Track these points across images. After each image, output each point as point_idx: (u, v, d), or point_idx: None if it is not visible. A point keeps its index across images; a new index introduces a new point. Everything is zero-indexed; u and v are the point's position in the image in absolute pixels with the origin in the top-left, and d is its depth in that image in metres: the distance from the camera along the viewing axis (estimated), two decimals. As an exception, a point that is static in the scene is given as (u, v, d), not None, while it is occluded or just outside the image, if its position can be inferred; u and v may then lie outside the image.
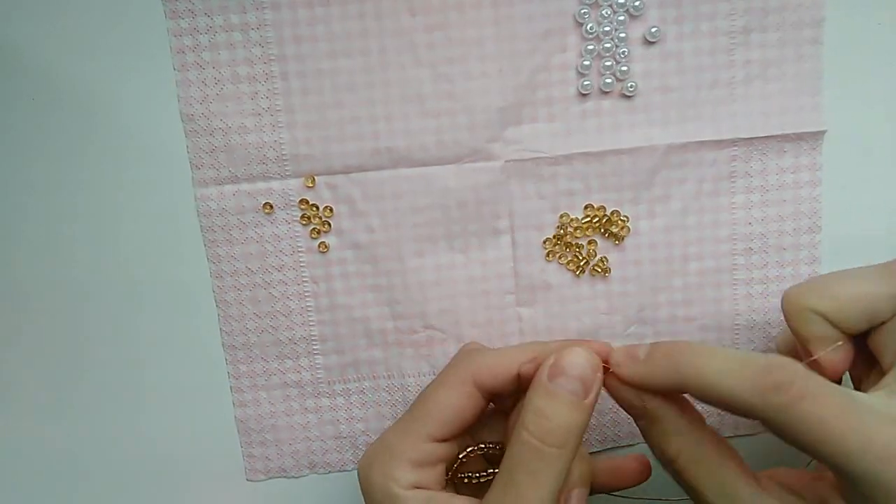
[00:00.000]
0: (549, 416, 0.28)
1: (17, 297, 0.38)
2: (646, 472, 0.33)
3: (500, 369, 0.31)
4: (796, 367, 0.27)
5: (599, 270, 0.37)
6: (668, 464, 0.30)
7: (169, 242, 0.37)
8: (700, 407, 0.31)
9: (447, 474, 0.32)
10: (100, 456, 0.39)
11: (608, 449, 0.39)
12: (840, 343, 0.30)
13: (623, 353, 0.30)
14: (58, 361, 0.38)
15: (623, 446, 0.39)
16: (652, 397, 0.30)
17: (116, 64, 0.35)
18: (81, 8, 0.35)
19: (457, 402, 0.31)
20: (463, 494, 0.31)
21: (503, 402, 0.33)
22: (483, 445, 0.33)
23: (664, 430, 0.30)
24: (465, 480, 0.33)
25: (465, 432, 0.32)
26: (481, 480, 0.32)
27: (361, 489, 0.31)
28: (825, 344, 0.30)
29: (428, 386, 0.32)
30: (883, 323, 0.29)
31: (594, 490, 0.33)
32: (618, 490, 0.34)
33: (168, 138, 0.36)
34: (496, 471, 0.30)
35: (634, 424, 0.39)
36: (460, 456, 0.33)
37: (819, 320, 0.30)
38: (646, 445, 0.38)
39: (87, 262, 0.37)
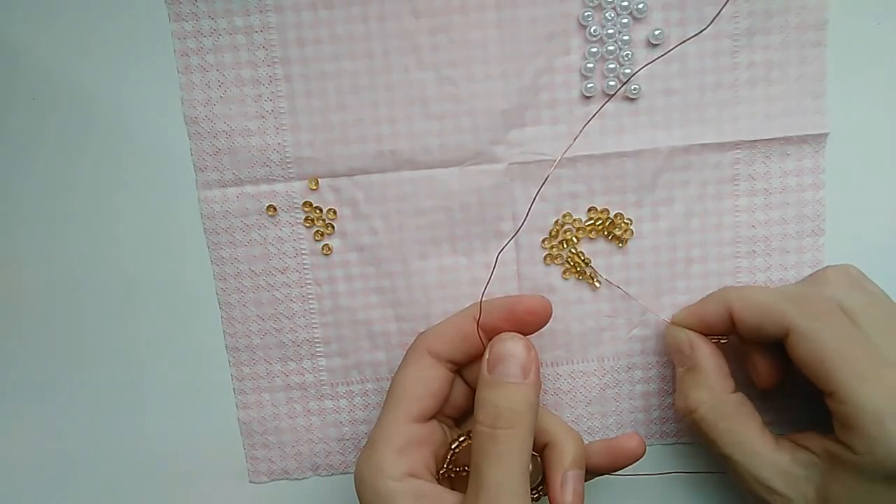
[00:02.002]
0: (495, 402, 0.30)
1: (20, 299, 0.38)
2: (642, 449, 0.34)
3: (447, 333, 0.33)
4: (829, 297, 0.32)
5: (591, 280, 0.37)
6: (688, 413, 0.34)
7: (172, 245, 0.37)
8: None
9: (441, 468, 0.33)
10: (103, 457, 0.39)
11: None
12: (724, 339, 0.35)
13: (681, 309, 0.36)
14: (60, 363, 0.38)
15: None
16: (701, 344, 0.34)
17: (120, 67, 0.35)
18: (85, 11, 0.35)
19: (420, 376, 0.33)
20: (459, 488, 0.32)
21: (475, 377, 0.33)
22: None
23: (697, 380, 0.34)
24: (463, 474, 0.33)
25: (444, 412, 0.34)
26: None
27: (356, 491, 0.32)
28: (713, 329, 0.35)
29: (393, 376, 0.34)
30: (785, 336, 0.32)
31: (592, 473, 0.34)
32: (615, 471, 0.35)
33: (172, 141, 0.36)
34: None
35: (637, 427, 0.39)
36: (452, 447, 0.33)
37: (727, 317, 0.33)
38: (648, 448, 0.38)
39: (90, 264, 0.37)
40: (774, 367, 0.34)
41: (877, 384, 0.29)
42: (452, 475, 0.34)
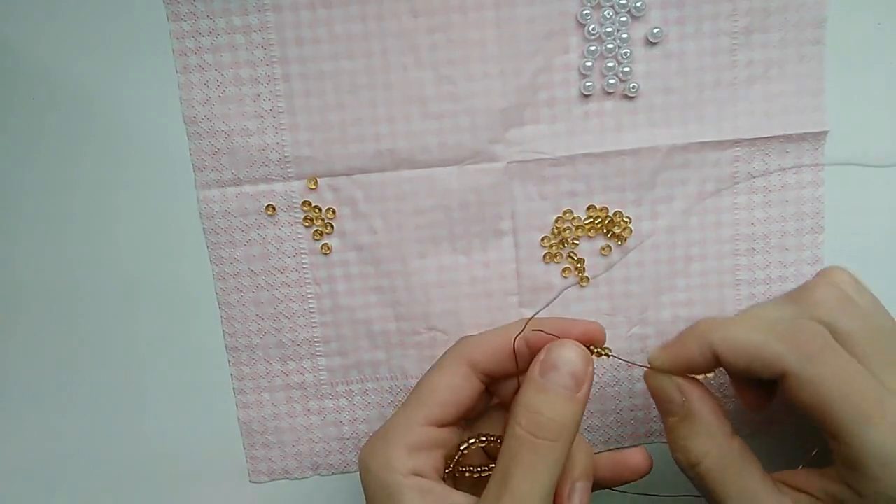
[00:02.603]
0: (542, 410, 0.28)
1: (20, 299, 0.38)
2: (648, 465, 0.33)
3: (491, 347, 0.32)
4: (822, 327, 0.29)
5: (586, 276, 0.37)
6: (691, 467, 0.31)
7: (172, 244, 0.37)
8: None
9: (447, 468, 0.32)
10: (103, 458, 0.39)
11: (611, 450, 0.39)
12: (710, 376, 0.33)
13: (656, 348, 0.32)
14: (60, 363, 0.38)
15: (627, 447, 0.39)
16: (692, 388, 0.31)
17: (119, 66, 0.35)
18: (83, 11, 0.35)
19: (451, 384, 0.31)
20: (463, 489, 0.31)
21: (503, 391, 0.33)
22: (484, 438, 0.33)
23: (695, 430, 0.31)
24: (467, 475, 0.33)
25: (463, 419, 0.33)
26: (482, 475, 0.32)
27: (361, 479, 0.31)
28: (697, 371, 0.31)
29: (425, 373, 0.33)
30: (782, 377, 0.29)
31: (597, 486, 0.34)
32: (620, 485, 0.34)
33: (170, 141, 0.36)
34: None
35: (638, 425, 0.39)
36: (461, 448, 0.33)
37: (711, 357, 0.30)
38: (650, 447, 0.38)
39: (89, 264, 0.37)
40: (764, 393, 0.32)
41: (882, 423, 0.27)
42: (457, 475, 0.33)
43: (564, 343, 0.30)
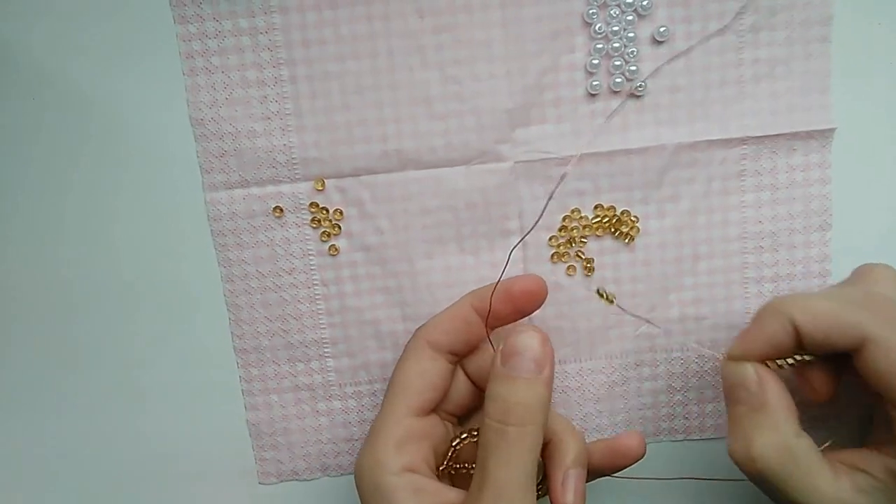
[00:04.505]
0: (508, 397, 0.29)
1: (33, 303, 0.38)
2: (642, 449, 0.34)
3: (444, 323, 0.33)
4: (886, 293, 0.30)
5: (590, 271, 0.37)
6: (751, 460, 0.30)
7: (179, 247, 0.37)
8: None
9: (441, 465, 0.33)
10: (112, 459, 0.39)
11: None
12: (805, 358, 0.31)
13: (734, 339, 0.32)
14: (70, 366, 0.38)
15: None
16: (771, 381, 0.31)
17: (125, 70, 0.35)
18: (90, 14, 0.35)
19: (420, 369, 0.32)
20: (458, 485, 0.31)
21: (474, 371, 0.34)
22: (476, 433, 0.33)
23: (764, 422, 0.30)
24: (463, 471, 0.33)
25: (443, 406, 0.34)
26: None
27: (357, 488, 0.31)
28: (780, 351, 0.31)
29: (394, 369, 0.34)
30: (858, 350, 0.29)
31: (594, 474, 0.34)
32: (617, 471, 0.34)
33: (178, 143, 0.36)
34: None
35: (646, 424, 0.39)
36: (453, 444, 0.33)
37: (792, 332, 0.30)
38: (658, 445, 0.38)
39: (98, 266, 0.37)
40: (831, 379, 0.32)
41: None
42: (452, 472, 0.33)
43: (521, 330, 0.30)
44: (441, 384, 0.33)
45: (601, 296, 0.32)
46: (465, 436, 0.33)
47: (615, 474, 0.34)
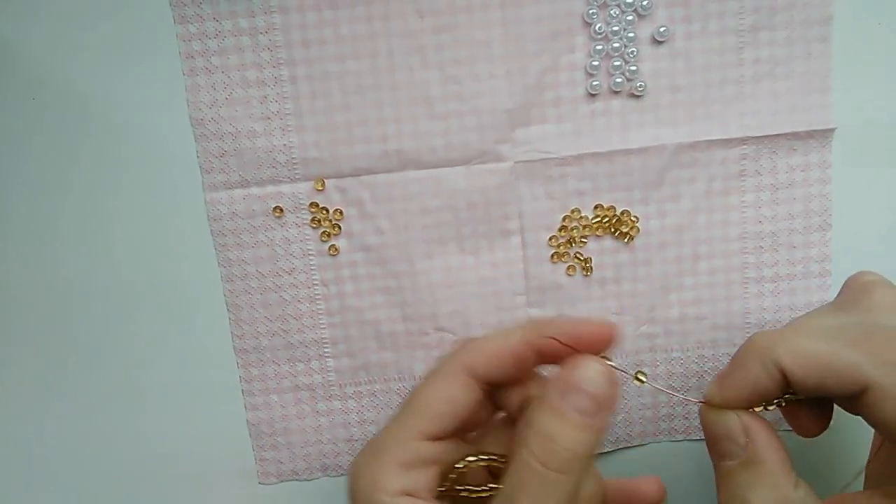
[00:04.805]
0: (555, 437, 0.25)
1: (37, 304, 0.38)
2: (661, 496, 0.30)
3: (492, 352, 0.28)
4: (886, 321, 0.26)
5: (588, 270, 0.37)
6: None
7: (179, 247, 0.37)
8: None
9: (443, 486, 0.29)
10: (113, 459, 0.39)
11: (619, 449, 0.39)
12: (795, 397, 0.28)
13: (712, 382, 0.28)
14: (70, 366, 0.38)
15: (635, 446, 0.39)
16: (759, 428, 0.27)
17: (126, 69, 0.35)
18: (90, 15, 0.35)
19: (448, 393, 0.28)
20: None
21: (507, 402, 0.30)
22: (485, 456, 0.29)
23: (758, 479, 0.27)
24: (463, 493, 0.30)
25: (461, 431, 0.29)
26: (482, 496, 0.29)
27: (347, 497, 0.28)
28: (765, 398, 0.28)
29: (421, 381, 0.29)
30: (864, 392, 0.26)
31: None
32: None
33: (178, 143, 0.36)
34: (499, 486, 0.26)
35: (646, 424, 0.39)
36: (458, 466, 0.29)
37: (778, 377, 0.27)
38: (658, 445, 0.38)
39: (97, 267, 0.37)
40: (823, 414, 0.29)
41: None
42: (454, 494, 0.30)
43: (587, 361, 0.26)
44: (467, 414, 0.28)
45: (639, 380, 0.28)
46: (472, 458, 0.29)
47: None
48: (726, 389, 0.28)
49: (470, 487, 0.29)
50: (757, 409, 0.28)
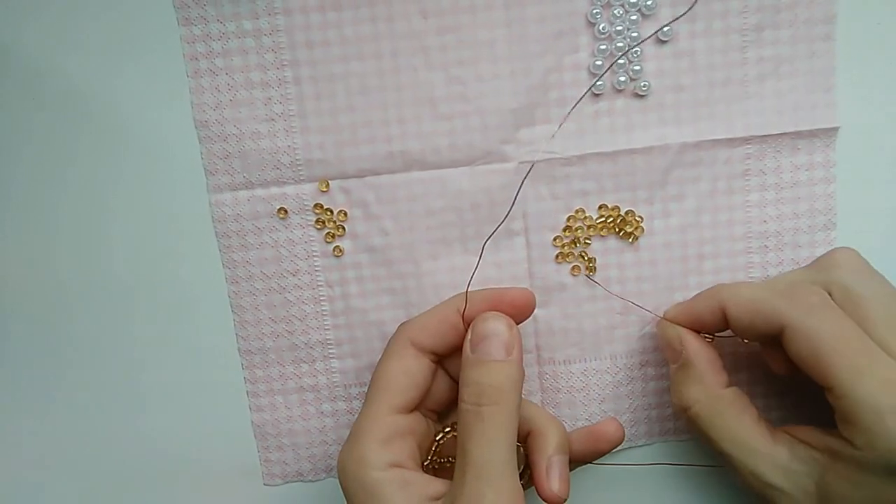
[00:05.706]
0: (480, 380, 0.30)
1: (42, 304, 0.38)
2: (621, 434, 0.35)
3: (429, 324, 0.33)
4: (819, 288, 0.31)
5: (591, 270, 0.37)
6: (683, 411, 0.34)
7: (184, 249, 0.37)
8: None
9: (426, 460, 0.33)
10: (117, 460, 0.39)
11: (625, 449, 0.39)
12: (709, 338, 0.35)
13: (673, 304, 0.36)
14: (74, 367, 0.38)
15: (640, 445, 0.39)
16: (691, 340, 0.34)
17: (129, 71, 0.35)
18: (94, 16, 0.35)
19: (404, 368, 0.33)
20: (444, 479, 0.32)
21: (455, 371, 0.34)
22: (457, 426, 0.33)
23: (690, 376, 0.33)
24: (447, 465, 0.34)
25: (428, 404, 0.34)
26: None
27: (340, 484, 0.31)
28: (705, 327, 0.34)
29: (376, 365, 0.34)
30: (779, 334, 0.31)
31: (576, 461, 0.35)
32: (598, 457, 0.35)
33: (182, 145, 0.36)
34: None
35: (651, 424, 0.39)
36: (437, 438, 0.34)
37: (720, 314, 0.33)
38: (664, 444, 0.38)
39: (99, 268, 0.37)
40: (788, 358, 0.33)
41: (872, 377, 0.28)
42: (437, 466, 0.34)
43: (487, 316, 0.32)
44: (424, 383, 0.33)
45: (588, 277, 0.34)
46: (448, 430, 0.34)
47: (601, 461, 0.36)
48: (678, 312, 0.35)
49: (450, 458, 0.34)
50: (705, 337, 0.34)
